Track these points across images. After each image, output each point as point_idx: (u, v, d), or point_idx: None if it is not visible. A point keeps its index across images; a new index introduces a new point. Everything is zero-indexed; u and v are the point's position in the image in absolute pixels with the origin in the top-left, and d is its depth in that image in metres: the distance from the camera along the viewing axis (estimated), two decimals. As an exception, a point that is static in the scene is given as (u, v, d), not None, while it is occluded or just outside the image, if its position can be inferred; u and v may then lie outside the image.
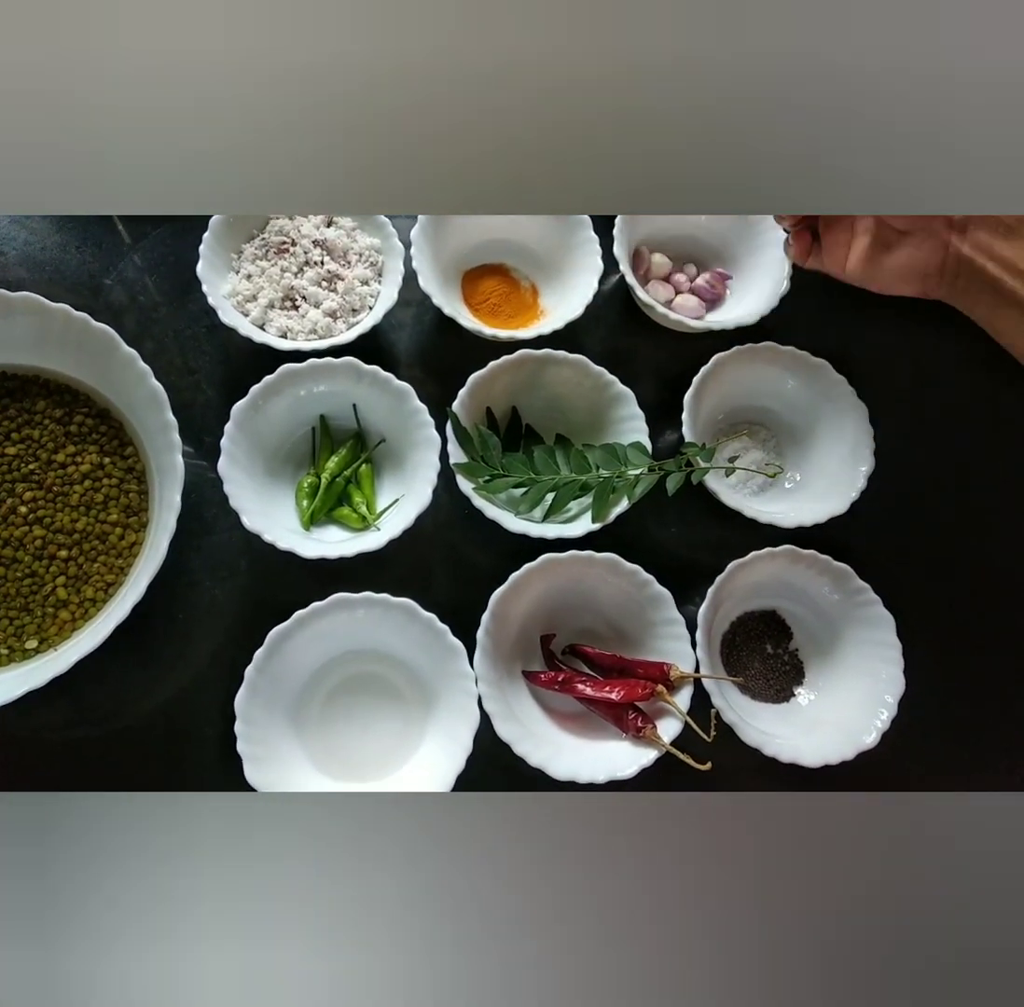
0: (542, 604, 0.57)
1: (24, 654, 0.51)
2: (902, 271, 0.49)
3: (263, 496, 0.56)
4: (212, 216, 0.60)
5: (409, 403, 0.57)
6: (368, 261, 0.62)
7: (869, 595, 0.57)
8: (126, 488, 0.54)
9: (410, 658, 0.54)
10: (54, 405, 0.54)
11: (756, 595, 0.60)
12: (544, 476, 0.58)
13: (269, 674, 0.51)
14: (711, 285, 0.67)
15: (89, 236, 0.65)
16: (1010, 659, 0.62)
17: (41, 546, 0.52)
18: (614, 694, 0.53)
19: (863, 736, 0.54)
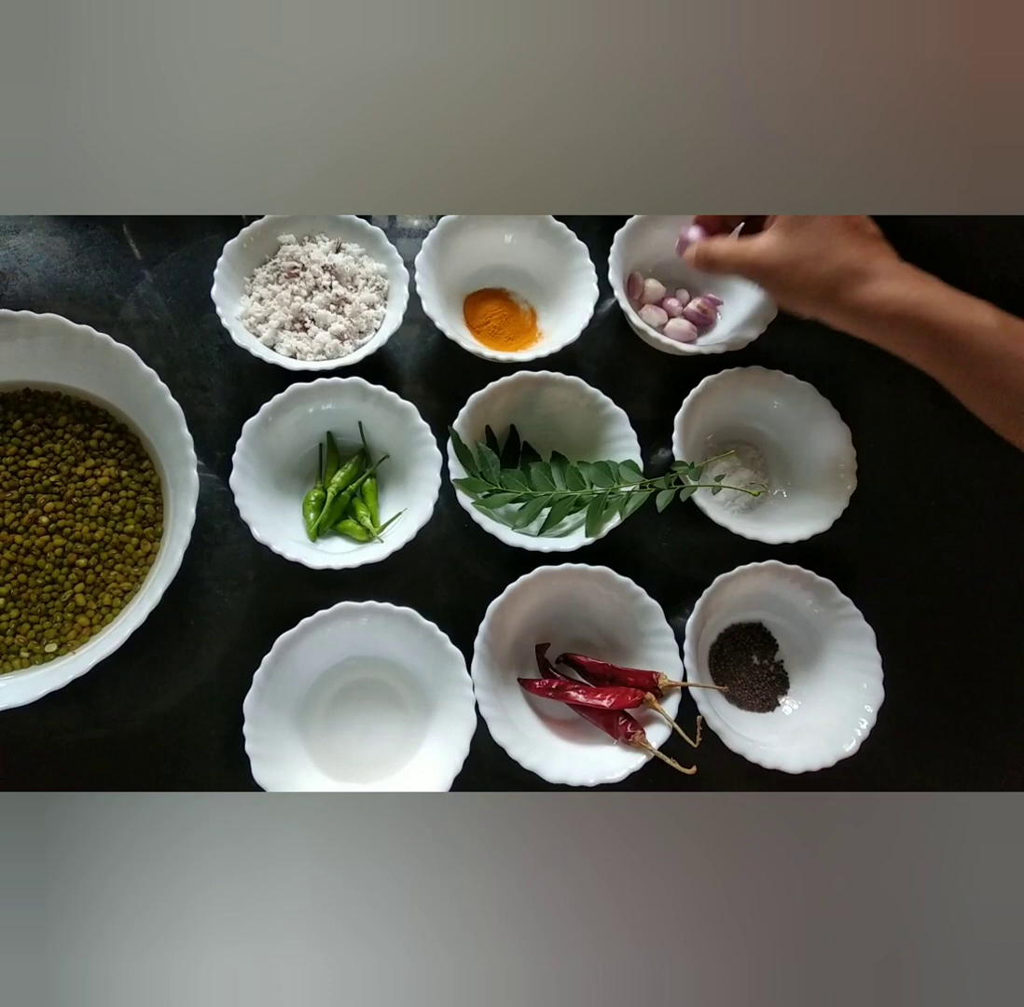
0: (537, 614, 0.59)
1: (44, 657, 0.53)
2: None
3: (272, 509, 0.58)
4: (227, 241, 0.63)
5: (412, 421, 0.59)
6: (374, 286, 0.65)
7: (850, 609, 0.60)
8: (142, 500, 0.57)
9: (411, 664, 0.57)
10: (75, 421, 0.57)
11: (743, 608, 0.62)
12: (540, 492, 0.60)
13: (276, 678, 0.53)
14: (702, 310, 0.69)
15: (107, 258, 0.68)
16: (986, 672, 0.65)
17: (61, 554, 0.54)
18: (605, 701, 0.55)
19: (843, 744, 0.56)
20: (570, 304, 0.67)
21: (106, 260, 0.68)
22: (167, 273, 0.68)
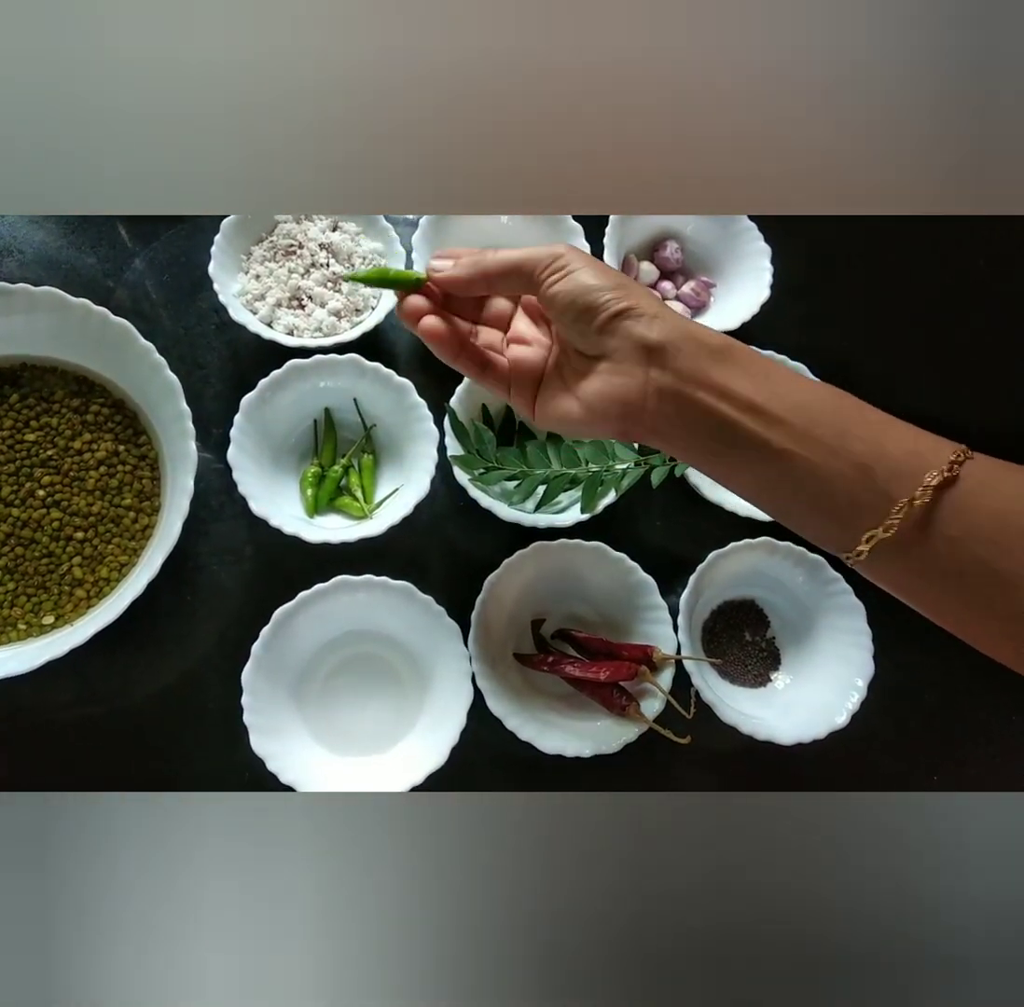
0: (533, 589, 0.60)
1: (41, 629, 0.53)
2: (596, 403, 0.37)
3: (269, 484, 0.59)
4: (223, 219, 0.63)
5: (409, 398, 0.60)
6: (371, 264, 0.65)
7: (841, 585, 0.60)
8: (139, 474, 0.57)
9: (408, 638, 0.57)
10: (72, 395, 0.57)
11: (735, 585, 0.63)
12: (536, 469, 0.61)
13: (274, 651, 0.53)
14: (696, 293, 0.70)
15: (103, 236, 0.68)
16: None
17: (58, 528, 0.54)
18: (600, 674, 0.56)
19: (835, 716, 0.57)
20: (565, 285, 0.67)
21: (102, 239, 0.68)
22: (163, 251, 0.68)
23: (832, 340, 0.71)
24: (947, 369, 0.75)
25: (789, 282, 0.68)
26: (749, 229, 0.69)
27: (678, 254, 0.71)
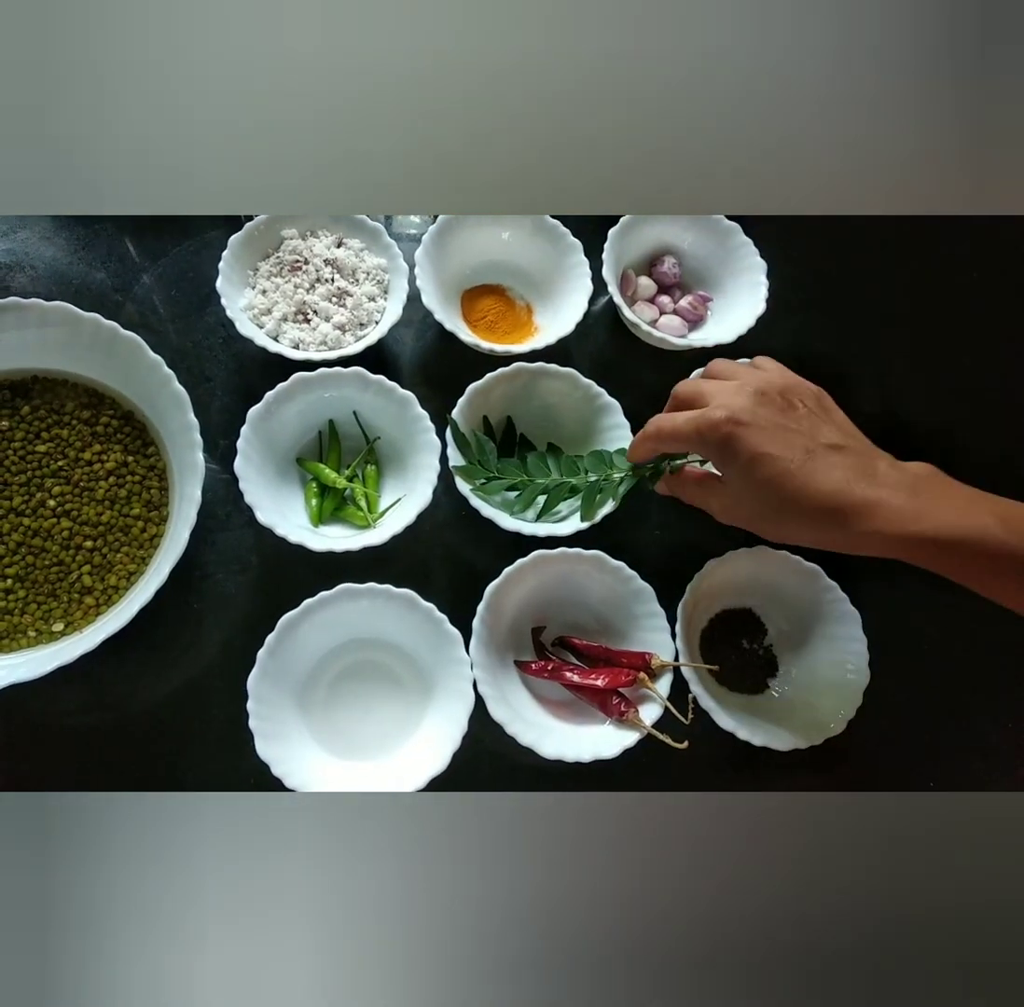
0: (533, 598, 0.61)
1: (51, 636, 0.54)
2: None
3: (274, 495, 0.60)
4: (231, 235, 0.64)
5: (412, 410, 0.61)
6: (375, 279, 0.67)
7: (837, 593, 0.61)
8: (148, 484, 0.58)
9: (410, 645, 0.58)
10: (82, 407, 0.58)
11: (733, 593, 0.64)
12: (536, 479, 0.62)
13: (279, 658, 0.54)
14: (693, 307, 0.71)
15: (113, 252, 0.69)
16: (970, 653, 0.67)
17: (68, 537, 0.56)
18: (599, 681, 0.57)
19: (831, 724, 0.58)
20: (565, 299, 0.69)
21: (111, 255, 0.69)
22: (171, 267, 0.69)
23: (828, 353, 0.72)
24: (944, 381, 0.76)
25: (785, 296, 0.70)
26: (745, 244, 0.71)
27: (676, 269, 0.73)
